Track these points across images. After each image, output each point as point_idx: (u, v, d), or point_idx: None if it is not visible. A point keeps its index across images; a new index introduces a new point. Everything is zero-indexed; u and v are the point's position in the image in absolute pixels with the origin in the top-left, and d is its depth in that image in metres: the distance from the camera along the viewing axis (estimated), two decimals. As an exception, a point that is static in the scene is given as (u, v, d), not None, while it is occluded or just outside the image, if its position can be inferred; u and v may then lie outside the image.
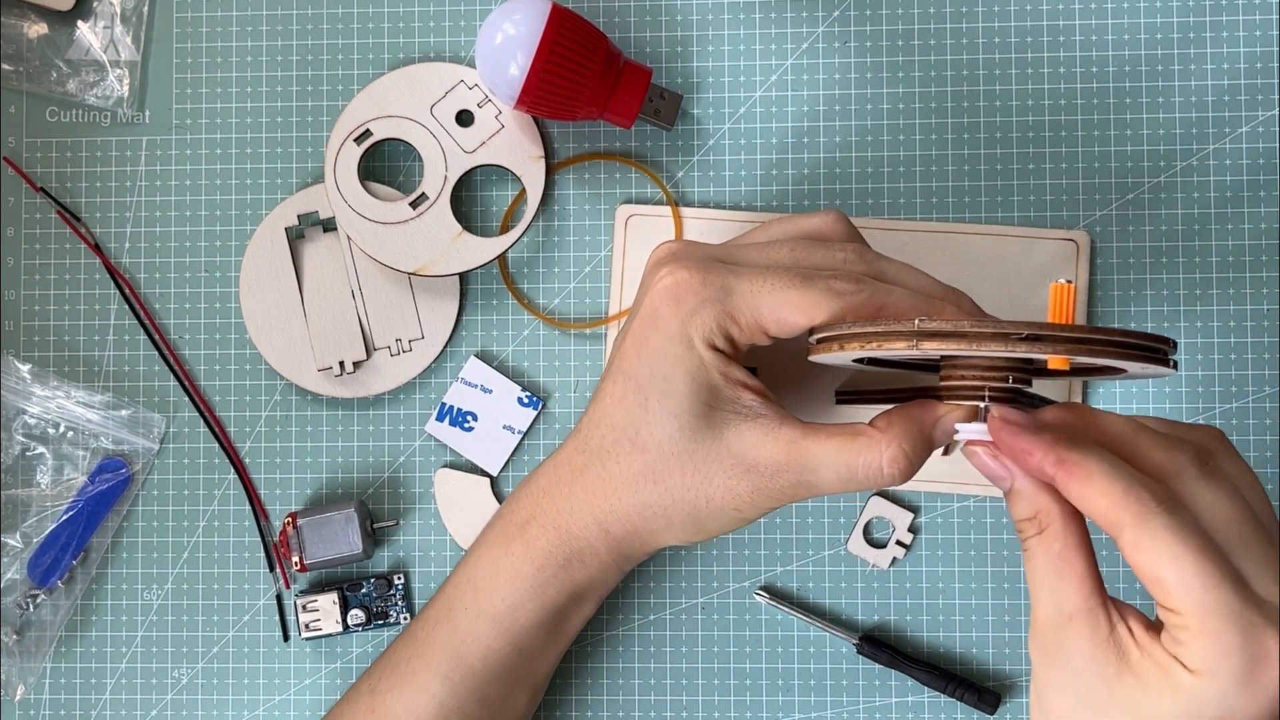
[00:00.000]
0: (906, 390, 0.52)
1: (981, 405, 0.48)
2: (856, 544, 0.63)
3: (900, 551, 0.63)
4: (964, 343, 0.44)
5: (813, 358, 0.50)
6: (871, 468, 0.49)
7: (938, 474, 0.62)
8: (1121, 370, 0.47)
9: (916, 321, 0.45)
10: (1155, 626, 0.44)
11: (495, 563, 0.54)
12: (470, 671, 0.55)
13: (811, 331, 0.50)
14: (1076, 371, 0.49)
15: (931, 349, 0.44)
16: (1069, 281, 0.44)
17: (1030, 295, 0.47)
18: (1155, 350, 0.44)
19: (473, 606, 0.55)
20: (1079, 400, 0.62)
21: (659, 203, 0.64)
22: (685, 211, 0.64)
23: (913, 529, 0.63)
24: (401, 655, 0.56)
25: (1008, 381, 0.47)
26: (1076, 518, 0.46)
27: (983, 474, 0.47)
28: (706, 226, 0.64)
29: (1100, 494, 0.43)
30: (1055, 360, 0.44)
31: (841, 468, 0.49)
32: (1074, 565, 0.45)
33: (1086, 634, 0.44)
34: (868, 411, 0.51)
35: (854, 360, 0.51)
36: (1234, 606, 0.42)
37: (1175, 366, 0.46)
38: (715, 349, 0.50)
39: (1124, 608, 0.45)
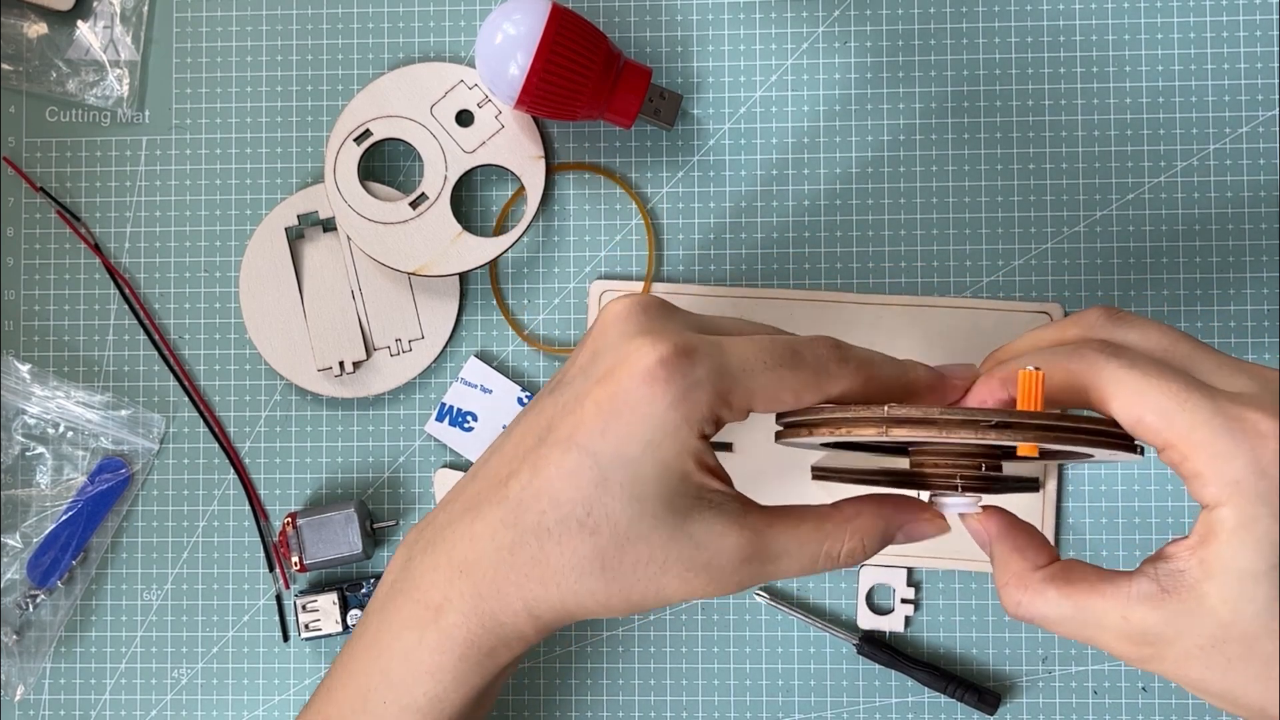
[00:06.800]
0: (882, 472, 0.51)
1: (956, 491, 0.48)
2: (865, 618, 0.63)
3: (910, 609, 0.63)
4: (933, 430, 0.44)
5: (781, 442, 0.48)
6: (831, 557, 0.48)
7: (926, 549, 0.63)
8: (1089, 455, 0.47)
9: (886, 408, 0.44)
10: (1179, 540, 0.43)
11: (409, 654, 0.49)
12: None
13: (780, 415, 0.48)
14: (1047, 455, 0.49)
15: (901, 435, 0.44)
16: (1037, 369, 0.44)
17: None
18: (1123, 436, 0.44)
19: (392, 701, 0.50)
20: (1054, 480, 0.63)
21: (639, 277, 0.64)
22: (658, 287, 0.63)
23: (912, 583, 0.63)
24: None
25: (980, 469, 0.47)
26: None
27: (978, 541, 0.48)
28: (681, 303, 0.63)
29: (1058, 368, 0.44)
30: (1025, 448, 0.44)
31: (805, 558, 0.47)
32: (1084, 577, 0.45)
33: (1153, 611, 0.43)
34: (843, 489, 0.51)
35: (823, 444, 0.50)
36: (1212, 408, 0.41)
37: (1141, 453, 0.45)
38: (702, 435, 0.46)
39: (1143, 567, 0.44)
